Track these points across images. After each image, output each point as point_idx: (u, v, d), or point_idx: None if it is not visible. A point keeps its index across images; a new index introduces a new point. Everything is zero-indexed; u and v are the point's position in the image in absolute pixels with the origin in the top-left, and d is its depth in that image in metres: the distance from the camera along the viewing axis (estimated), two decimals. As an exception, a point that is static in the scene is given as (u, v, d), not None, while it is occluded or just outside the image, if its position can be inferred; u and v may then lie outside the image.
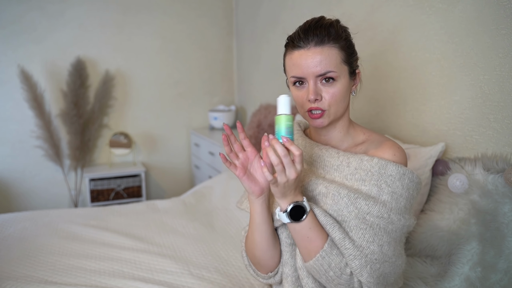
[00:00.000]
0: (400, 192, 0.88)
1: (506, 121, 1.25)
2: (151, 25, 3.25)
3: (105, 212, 2.14)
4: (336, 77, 0.88)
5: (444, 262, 1.20)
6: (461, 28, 1.38)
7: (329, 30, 0.88)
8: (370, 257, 0.85)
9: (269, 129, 2.42)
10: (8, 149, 2.97)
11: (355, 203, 0.87)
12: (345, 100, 0.92)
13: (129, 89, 3.27)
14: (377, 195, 0.88)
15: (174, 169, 3.52)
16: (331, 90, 0.89)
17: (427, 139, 1.57)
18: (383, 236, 0.86)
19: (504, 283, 1.05)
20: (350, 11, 1.96)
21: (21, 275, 1.46)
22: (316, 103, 0.89)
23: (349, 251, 0.84)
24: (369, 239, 0.85)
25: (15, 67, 2.87)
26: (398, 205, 0.88)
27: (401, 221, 0.88)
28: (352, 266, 0.85)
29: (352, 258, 0.84)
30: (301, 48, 0.89)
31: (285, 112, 0.83)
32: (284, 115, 0.83)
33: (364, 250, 0.85)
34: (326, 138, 0.99)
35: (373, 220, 0.86)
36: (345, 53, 0.90)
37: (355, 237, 0.86)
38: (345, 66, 0.90)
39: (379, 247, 0.85)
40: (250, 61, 3.25)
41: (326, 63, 0.87)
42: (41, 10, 2.91)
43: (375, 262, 0.85)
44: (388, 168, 0.88)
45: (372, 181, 0.88)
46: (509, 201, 1.10)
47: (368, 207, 0.86)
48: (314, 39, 0.88)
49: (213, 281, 1.44)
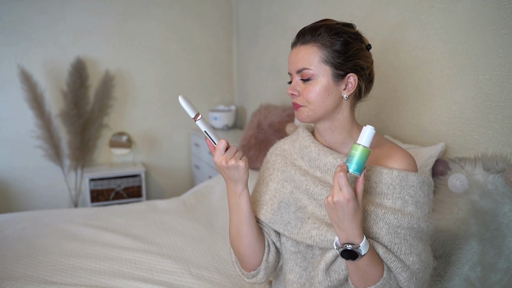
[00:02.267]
0: (423, 200, 0.90)
1: (506, 121, 1.25)
2: (151, 25, 3.25)
3: (105, 212, 2.14)
4: (311, 75, 0.91)
5: (444, 262, 1.20)
6: (461, 28, 1.38)
7: (317, 30, 0.91)
8: (412, 268, 0.86)
9: (269, 129, 2.41)
10: (8, 149, 2.97)
11: (383, 219, 0.87)
12: (325, 100, 0.91)
13: (129, 89, 3.27)
14: (402, 207, 0.88)
15: (174, 169, 3.52)
16: (307, 87, 0.92)
17: (427, 139, 1.57)
18: (418, 245, 0.88)
19: (504, 283, 1.05)
20: (350, 11, 1.96)
21: (21, 275, 1.46)
22: (293, 98, 0.94)
23: (395, 264, 0.85)
24: (407, 251, 0.86)
25: (15, 67, 2.87)
26: (423, 213, 0.89)
27: (429, 226, 0.90)
28: (400, 279, 0.86)
29: (400, 270, 0.85)
30: (293, 48, 0.96)
31: (365, 145, 0.81)
32: (364, 148, 0.81)
33: (405, 262, 0.86)
34: (327, 139, 0.99)
35: (405, 232, 0.87)
36: (330, 54, 0.90)
37: (393, 253, 0.87)
38: (326, 66, 0.90)
39: (418, 256, 0.87)
40: (250, 61, 3.25)
41: (303, 59, 0.91)
42: (41, 10, 2.91)
43: (418, 272, 0.87)
44: (409, 180, 0.89)
45: (395, 194, 0.88)
46: (509, 201, 1.10)
47: (398, 220, 0.86)
48: (301, 39, 0.93)
49: (213, 281, 1.44)
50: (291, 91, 0.94)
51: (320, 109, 0.92)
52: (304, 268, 0.99)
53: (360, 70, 0.93)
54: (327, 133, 0.98)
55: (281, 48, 2.68)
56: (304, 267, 0.99)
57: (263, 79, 3.03)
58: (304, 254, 0.99)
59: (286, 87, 2.68)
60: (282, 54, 2.68)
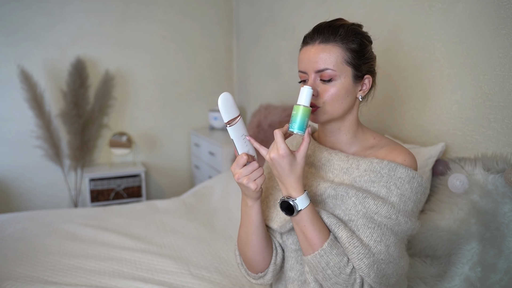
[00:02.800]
0: (408, 195, 0.89)
1: (506, 121, 1.25)
2: (151, 25, 3.25)
3: (105, 212, 2.14)
4: (334, 76, 0.89)
5: (444, 262, 1.20)
6: (461, 28, 1.38)
7: (337, 30, 0.90)
8: (377, 257, 0.85)
9: (269, 129, 2.41)
10: (8, 149, 2.97)
11: (363, 203, 0.87)
12: (344, 101, 0.92)
13: (129, 89, 3.27)
14: (386, 196, 0.88)
15: (174, 169, 3.52)
16: (328, 88, 0.90)
17: (427, 139, 1.57)
18: (390, 236, 0.87)
19: (504, 283, 1.05)
20: (350, 11, 1.96)
21: (21, 275, 1.46)
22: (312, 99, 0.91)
23: (358, 249, 0.84)
24: (377, 238, 0.86)
25: (15, 67, 2.87)
26: (406, 208, 0.89)
27: (408, 223, 0.88)
28: (360, 265, 0.84)
29: (362, 256, 0.84)
30: (308, 44, 0.93)
31: (304, 104, 0.84)
32: (304, 107, 0.84)
33: (371, 249, 0.85)
34: (332, 140, 0.99)
35: (381, 220, 0.86)
36: (351, 54, 0.90)
37: (362, 236, 0.86)
38: (348, 68, 0.90)
39: (386, 247, 0.86)
40: (250, 61, 3.25)
41: (326, 59, 0.89)
42: (41, 10, 2.91)
43: (381, 262, 0.85)
44: (398, 171, 0.89)
45: (382, 183, 0.89)
46: (509, 201, 1.10)
47: (377, 207, 0.86)
48: (320, 37, 0.91)
49: (213, 281, 1.44)
50: None
51: (338, 110, 0.92)
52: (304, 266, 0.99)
53: (373, 71, 0.96)
54: (334, 134, 0.98)
55: (281, 48, 2.68)
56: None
57: (263, 79, 3.03)
58: None
59: (286, 87, 2.68)
60: (282, 54, 2.68)
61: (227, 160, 2.76)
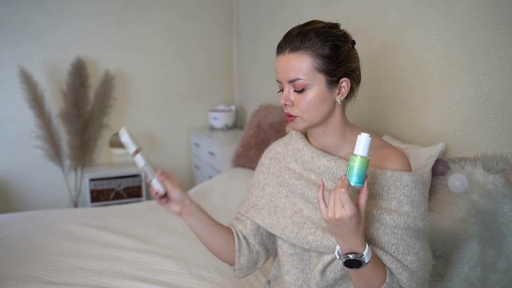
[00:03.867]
0: (418, 199, 0.89)
1: (506, 121, 1.25)
2: (151, 25, 3.25)
3: (105, 212, 2.14)
4: (306, 85, 0.87)
5: (444, 262, 1.20)
6: (461, 28, 1.38)
7: (306, 36, 0.87)
8: (411, 267, 0.86)
9: (269, 129, 2.41)
10: (8, 149, 2.97)
11: (379, 220, 0.87)
12: (321, 108, 0.89)
13: (129, 89, 3.27)
14: (398, 207, 0.88)
15: (174, 169, 3.52)
16: (302, 97, 0.88)
17: (427, 139, 1.57)
18: (416, 244, 0.88)
19: (504, 283, 1.05)
20: (350, 11, 1.96)
21: (21, 275, 1.46)
22: (287, 108, 0.91)
23: (395, 264, 0.84)
24: (404, 251, 0.86)
25: (15, 67, 2.87)
26: (419, 211, 0.89)
27: (426, 224, 0.89)
28: (401, 279, 0.85)
29: (401, 270, 0.84)
30: (280, 54, 0.92)
31: (362, 154, 0.78)
32: (362, 158, 0.78)
33: (403, 262, 0.86)
34: (321, 143, 0.98)
35: (401, 232, 0.87)
36: (322, 61, 0.87)
37: (390, 253, 0.86)
38: (320, 75, 0.87)
39: (416, 255, 0.87)
40: (250, 61, 3.25)
41: (295, 69, 0.87)
42: (41, 9, 2.91)
43: (417, 271, 0.86)
44: (403, 179, 0.88)
45: (390, 195, 0.88)
46: (509, 201, 1.10)
47: (394, 221, 0.86)
48: (289, 46, 0.89)
49: (213, 281, 1.44)
50: (284, 101, 0.90)
51: (316, 117, 0.91)
52: (301, 270, 0.99)
53: (351, 72, 0.91)
54: (321, 137, 0.97)
55: (281, 48, 2.68)
56: (301, 269, 0.99)
57: (263, 79, 3.03)
58: (300, 256, 0.99)
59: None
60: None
61: (227, 160, 2.76)
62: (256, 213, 1.07)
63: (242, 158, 2.54)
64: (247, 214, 1.09)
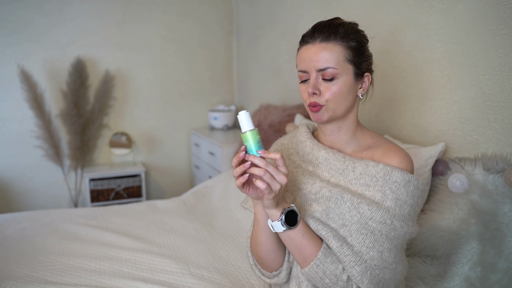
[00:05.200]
0: (404, 199, 0.88)
1: (506, 121, 1.25)
2: (151, 25, 3.25)
3: (105, 212, 2.14)
4: (336, 74, 0.89)
5: (444, 262, 1.20)
6: (461, 28, 1.38)
7: (337, 28, 0.90)
8: (369, 263, 0.84)
9: (269, 129, 2.41)
10: (8, 149, 2.97)
11: (357, 208, 0.87)
12: (346, 99, 0.92)
13: (129, 89, 3.27)
14: (381, 200, 0.88)
15: (174, 169, 3.52)
16: (330, 86, 0.90)
17: (427, 139, 1.57)
18: (384, 242, 0.86)
19: (504, 283, 1.05)
20: (350, 11, 1.96)
21: (21, 275, 1.46)
22: (314, 98, 0.91)
23: (348, 258, 0.84)
24: (369, 244, 0.85)
25: (15, 67, 2.87)
26: (402, 212, 0.88)
27: (404, 228, 0.88)
28: (352, 273, 0.84)
29: (353, 264, 0.84)
30: (308, 43, 0.92)
31: (249, 128, 0.83)
32: (249, 132, 0.82)
33: (363, 255, 0.85)
34: (331, 139, 0.99)
35: (375, 226, 0.86)
36: (351, 52, 0.91)
37: (355, 242, 0.85)
38: (350, 65, 0.91)
39: (379, 253, 0.85)
40: (250, 61, 3.25)
41: (327, 58, 0.89)
42: (41, 9, 2.91)
43: (374, 268, 0.85)
44: (393, 174, 0.88)
45: (377, 187, 0.88)
46: (509, 201, 1.10)
47: (371, 212, 0.86)
48: (320, 36, 0.91)
49: (213, 281, 1.44)
50: (313, 89, 0.90)
51: (341, 108, 0.92)
52: None
53: (371, 69, 0.96)
54: (333, 133, 0.98)
55: (281, 48, 2.68)
56: None
57: (263, 79, 3.03)
58: None
59: (286, 87, 2.68)
60: (282, 54, 2.68)
61: (227, 160, 2.76)
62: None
63: (242, 158, 2.53)
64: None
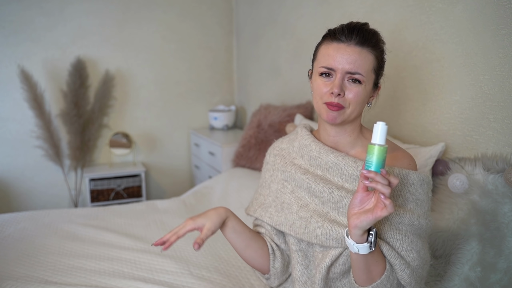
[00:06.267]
0: (423, 198, 0.91)
1: (506, 121, 1.25)
2: (151, 25, 3.25)
3: (105, 212, 2.14)
4: (362, 81, 0.89)
5: (444, 262, 1.20)
6: (461, 28, 1.38)
7: (372, 36, 0.91)
8: (412, 265, 0.87)
9: (269, 129, 2.41)
10: (8, 149, 2.97)
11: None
12: (362, 106, 0.94)
13: (129, 89, 3.27)
14: (403, 204, 0.89)
15: (174, 169, 3.52)
16: (355, 89, 0.89)
17: (427, 139, 1.57)
18: (418, 242, 0.89)
19: (504, 283, 1.05)
20: (350, 11, 1.96)
21: (21, 275, 1.46)
22: (337, 98, 0.89)
23: (398, 260, 0.86)
24: (407, 247, 0.87)
25: (15, 67, 2.87)
26: (423, 210, 0.91)
27: (428, 224, 0.91)
28: (402, 276, 0.86)
29: (403, 267, 0.86)
30: (342, 42, 0.90)
31: (380, 143, 0.77)
32: (378, 146, 0.77)
33: (406, 259, 0.87)
34: (335, 140, 0.98)
35: (406, 229, 0.88)
36: (377, 63, 0.92)
37: (395, 248, 0.87)
38: (373, 75, 0.92)
39: (417, 253, 0.88)
40: (250, 61, 3.25)
41: (359, 64, 0.88)
42: (41, 9, 2.91)
43: (417, 268, 0.88)
44: (410, 177, 0.90)
45: (396, 192, 0.89)
46: (509, 201, 1.10)
47: (399, 217, 0.87)
48: (356, 38, 0.89)
49: (213, 281, 1.44)
50: (339, 90, 0.88)
51: (355, 113, 0.93)
52: (305, 266, 1.00)
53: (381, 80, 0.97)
54: (338, 134, 0.98)
55: (281, 48, 2.68)
56: (306, 265, 1.00)
57: (263, 79, 3.03)
58: (305, 252, 1.00)
59: (286, 87, 2.68)
60: (282, 54, 2.68)
61: (227, 160, 2.76)
62: (263, 212, 1.07)
63: (242, 158, 2.54)
64: (255, 214, 1.09)
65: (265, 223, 1.08)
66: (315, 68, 0.95)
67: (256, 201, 1.12)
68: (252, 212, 1.11)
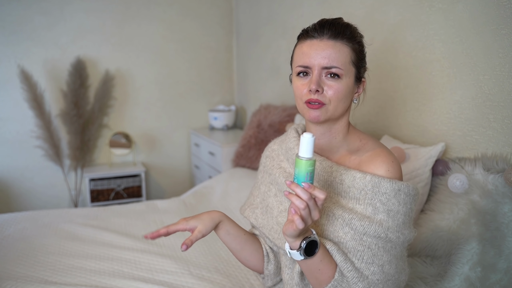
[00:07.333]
0: (396, 209, 0.85)
1: (506, 121, 1.25)
2: (151, 25, 3.25)
3: (105, 212, 2.14)
4: (341, 74, 0.86)
5: (444, 262, 1.20)
6: (461, 28, 1.38)
7: (345, 28, 0.88)
8: (371, 278, 0.83)
9: (269, 129, 2.41)
10: (8, 149, 2.97)
11: (350, 224, 0.85)
12: (345, 101, 0.89)
13: (129, 89, 3.27)
14: (372, 214, 0.85)
15: (174, 169, 3.52)
16: (334, 85, 0.86)
17: (427, 139, 1.57)
18: (383, 255, 0.85)
19: (504, 283, 1.05)
20: (350, 11, 1.96)
21: (21, 275, 1.46)
22: (316, 95, 0.86)
23: (351, 273, 0.83)
24: (368, 260, 0.83)
25: (15, 67, 2.87)
26: (396, 222, 0.85)
27: (400, 238, 0.86)
28: None
29: (356, 280, 0.83)
30: (314, 38, 0.88)
31: (306, 156, 0.75)
32: (305, 160, 0.75)
33: (364, 271, 0.83)
34: (320, 143, 0.96)
35: (370, 241, 0.84)
36: (355, 55, 0.89)
37: (354, 259, 0.84)
38: (353, 68, 0.89)
39: (380, 267, 0.84)
40: (250, 61, 3.25)
41: (334, 57, 0.86)
42: (41, 9, 2.91)
43: (377, 283, 0.84)
44: (382, 186, 0.84)
45: (367, 200, 0.85)
46: (509, 201, 1.10)
47: (363, 227, 0.83)
48: (328, 32, 0.87)
49: (213, 281, 1.44)
50: (316, 86, 0.85)
51: (339, 110, 0.89)
52: (292, 269, 0.99)
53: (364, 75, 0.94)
54: (324, 136, 0.95)
55: (281, 48, 2.68)
56: (292, 268, 0.99)
57: (263, 79, 3.03)
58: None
59: (286, 87, 2.68)
60: (282, 54, 2.68)
61: (227, 160, 2.76)
62: (251, 212, 1.07)
63: (242, 158, 2.54)
64: (244, 214, 1.10)
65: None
66: (293, 69, 0.93)
67: (248, 201, 1.12)
68: (242, 211, 1.11)
